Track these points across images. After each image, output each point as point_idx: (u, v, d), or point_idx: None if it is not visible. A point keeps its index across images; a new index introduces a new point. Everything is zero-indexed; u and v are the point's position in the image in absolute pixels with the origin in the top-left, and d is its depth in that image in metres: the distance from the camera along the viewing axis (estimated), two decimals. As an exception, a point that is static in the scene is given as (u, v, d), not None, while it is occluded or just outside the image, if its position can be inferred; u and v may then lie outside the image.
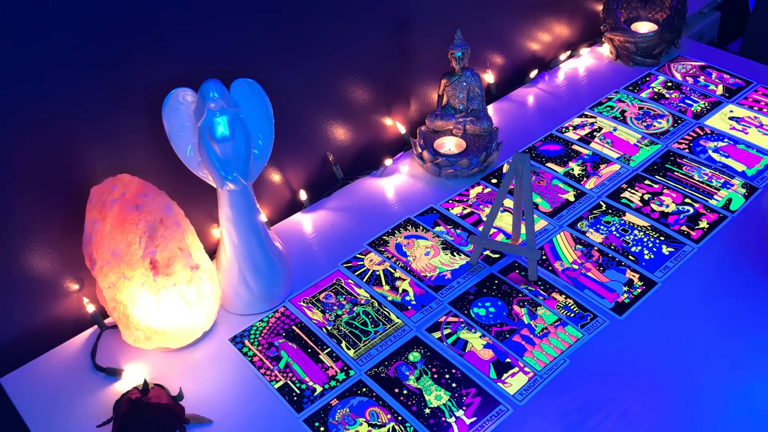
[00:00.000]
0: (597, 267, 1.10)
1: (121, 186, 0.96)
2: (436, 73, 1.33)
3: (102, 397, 0.97)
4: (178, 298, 0.98)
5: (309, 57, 1.15)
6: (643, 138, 1.34)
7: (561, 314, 1.03)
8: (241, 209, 1.01)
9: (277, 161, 1.20)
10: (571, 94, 1.47)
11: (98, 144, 0.99)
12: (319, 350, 1.01)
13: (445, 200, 1.24)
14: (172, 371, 1.00)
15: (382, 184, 1.29)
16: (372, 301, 1.07)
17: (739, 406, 0.90)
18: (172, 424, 0.91)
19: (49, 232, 0.99)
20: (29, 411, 0.96)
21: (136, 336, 0.99)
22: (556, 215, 1.19)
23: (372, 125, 1.32)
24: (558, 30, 1.55)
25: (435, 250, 1.15)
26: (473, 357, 0.98)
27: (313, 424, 0.92)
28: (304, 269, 1.13)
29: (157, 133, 1.00)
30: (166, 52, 0.99)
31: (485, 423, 0.91)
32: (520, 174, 1.03)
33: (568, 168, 1.28)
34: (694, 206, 1.18)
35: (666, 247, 1.12)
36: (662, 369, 0.95)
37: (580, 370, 0.96)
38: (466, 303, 1.06)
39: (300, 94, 1.17)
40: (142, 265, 0.95)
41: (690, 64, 1.52)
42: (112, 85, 0.96)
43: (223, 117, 0.96)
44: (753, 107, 1.39)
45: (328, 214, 1.24)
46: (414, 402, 0.94)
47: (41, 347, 1.04)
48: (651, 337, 0.99)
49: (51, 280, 1.02)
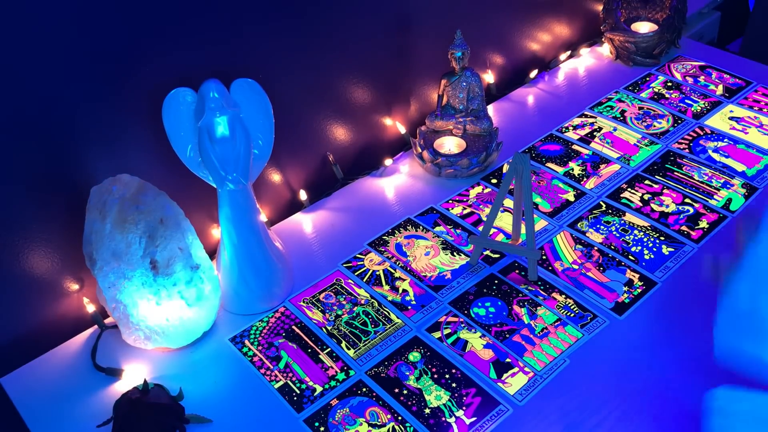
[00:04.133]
0: (597, 267, 1.10)
1: (121, 186, 0.96)
2: (436, 73, 1.33)
3: (102, 397, 0.97)
4: (178, 298, 0.98)
5: (309, 57, 1.15)
6: (643, 138, 1.34)
7: (561, 314, 1.03)
8: (241, 209, 1.01)
9: (277, 161, 1.20)
10: (571, 94, 1.47)
11: (98, 144, 0.99)
12: (319, 350, 1.01)
13: (445, 200, 1.24)
14: (172, 371, 1.00)
15: (382, 184, 1.29)
16: (372, 301, 1.07)
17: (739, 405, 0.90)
18: (172, 424, 0.91)
19: (49, 232, 0.99)
20: (29, 411, 0.96)
21: (136, 336, 0.99)
22: (556, 215, 1.19)
23: (372, 125, 1.32)
24: (558, 30, 1.55)
25: (435, 250, 1.15)
26: (473, 357, 0.98)
27: (313, 424, 0.92)
28: (304, 269, 1.13)
29: (157, 133, 1.00)
30: (166, 52, 0.99)
31: (485, 423, 0.91)
32: (520, 174, 1.03)
33: (568, 168, 1.28)
34: (694, 206, 1.18)
35: (666, 247, 1.12)
36: (662, 369, 0.95)
37: (580, 370, 0.96)
38: (466, 303, 1.06)
39: (300, 94, 1.17)
40: (142, 265, 0.95)
41: (690, 64, 1.52)
42: (112, 85, 0.96)
43: (223, 117, 0.96)
44: (753, 107, 1.39)
45: (328, 214, 1.24)
46: (414, 402, 0.94)
47: (41, 347, 1.04)
48: (651, 337, 0.99)
49: (51, 280, 1.02)
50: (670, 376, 0.94)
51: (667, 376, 0.94)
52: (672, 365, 0.95)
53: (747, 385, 0.78)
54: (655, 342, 0.98)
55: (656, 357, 0.96)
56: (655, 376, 0.94)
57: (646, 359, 0.96)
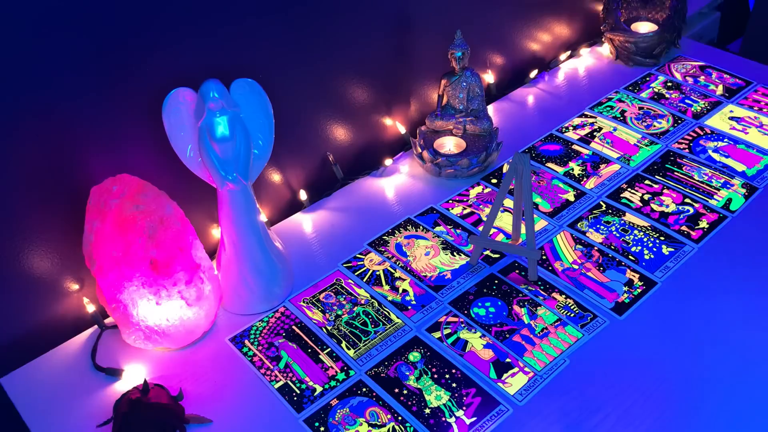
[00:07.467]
0: (597, 267, 1.10)
1: (121, 186, 0.96)
2: (436, 73, 1.33)
3: (102, 397, 0.97)
4: (178, 298, 0.98)
5: (309, 57, 1.15)
6: (643, 138, 1.34)
7: (561, 314, 1.03)
8: (241, 209, 1.01)
9: (277, 161, 1.20)
10: (571, 94, 1.47)
11: (98, 144, 0.99)
12: (319, 350, 1.01)
13: (445, 200, 1.24)
14: (172, 371, 1.00)
15: (382, 184, 1.29)
16: (372, 301, 1.07)
17: (739, 405, 0.90)
18: (172, 424, 0.91)
19: (49, 232, 0.99)
20: (29, 411, 0.96)
21: (136, 336, 0.99)
22: (556, 215, 1.19)
23: (372, 125, 1.32)
24: (558, 30, 1.55)
25: (435, 250, 1.15)
26: (473, 357, 0.98)
27: (313, 424, 0.92)
28: (304, 269, 1.13)
29: (157, 133, 1.00)
30: (166, 52, 0.99)
31: (485, 423, 0.91)
32: (520, 174, 1.03)
33: (568, 168, 1.28)
34: (694, 206, 1.18)
35: (666, 247, 1.12)
36: (662, 369, 0.95)
37: (580, 370, 0.96)
38: (466, 303, 1.06)
39: (300, 94, 1.17)
40: (142, 265, 0.95)
41: (690, 64, 1.52)
42: (112, 85, 0.96)
43: (223, 117, 0.96)
44: (753, 107, 1.39)
45: (328, 214, 1.24)
46: (414, 402, 0.94)
47: (41, 347, 1.04)
48: (651, 337, 0.99)
49: (51, 280, 1.02)
50: (670, 376, 0.94)
51: (666, 375, 0.94)
52: (672, 365, 0.95)
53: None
54: (655, 342, 0.98)
55: (656, 357, 0.96)
56: (654, 376, 0.94)
57: (646, 359, 0.96)
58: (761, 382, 0.92)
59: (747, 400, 0.90)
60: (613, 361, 0.97)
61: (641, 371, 0.95)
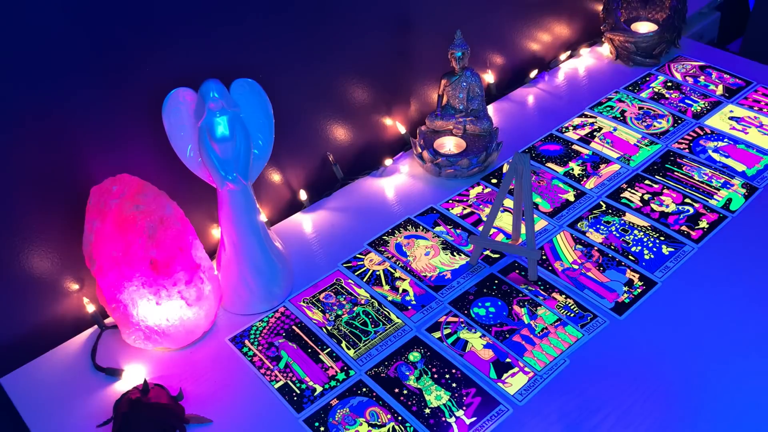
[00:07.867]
0: (597, 267, 1.10)
1: (121, 186, 0.96)
2: (436, 73, 1.33)
3: (102, 397, 0.97)
4: (178, 298, 0.98)
5: (309, 57, 1.15)
6: (643, 138, 1.34)
7: (561, 314, 1.03)
8: (241, 209, 1.01)
9: (277, 161, 1.20)
10: (571, 94, 1.47)
11: (98, 144, 0.99)
12: (319, 350, 1.01)
13: (445, 200, 1.24)
14: (172, 371, 1.00)
15: (382, 184, 1.29)
16: (372, 301, 1.07)
17: (740, 405, 0.90)
18: (172, 424, 0.91)
19: (49, 232, 0.99)
20: (29, 411, 0.96)
21: (136, 336, 0.99)
22: (556, 215, 1.19)
23: (372, 125, 1.32)
24: (558, 30, 1.55)
25: (435, 250, 1.15)
26: (473, 357, 0.98)
27: (313, 424, 0.92)
28: (304, 269, 1.13)
29: (157, 133, 1.00)
30: (166, 52, 0.99)
31: (485, 423, 0.91)
32: (520, 174, 1.03)
33: (568, 168, 1.28)
34: (694, 206, 1.18)
35: (666, 247, 1.12)
36: (662, 369, 0.95)
37: (580, 370, 0.96)
38: (466, 303, 1.06)
39: (300, 94, 1.17)
40: (142, 265, 0.95)
41: (690, 64, 1.52)
42: (112, 85, 0.96)
43: (223, 117, 0.96)
44: (753, 107, 1.39)
45: (328, 214, 1.24)
46: (414, 402, 0.94)
47: (41, 347, 1.04)
48: (651, 337, 0.99)
49: (51, 280, 1.02)
50: (670, 376, 0.94)
51: (666, 376, 0.94)
52: (672, 365, 0.95)
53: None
54: (655, 342, 0.98)
55: (656, 357, 0.96)
56: (654, 376, 0.94)
57: (646, 359, 0.96)
58: (761, 382, 0.92)
59: (747, 400, 0.90)
60: (613, 361, 0.97)
61: (641, 371, 0.95)
